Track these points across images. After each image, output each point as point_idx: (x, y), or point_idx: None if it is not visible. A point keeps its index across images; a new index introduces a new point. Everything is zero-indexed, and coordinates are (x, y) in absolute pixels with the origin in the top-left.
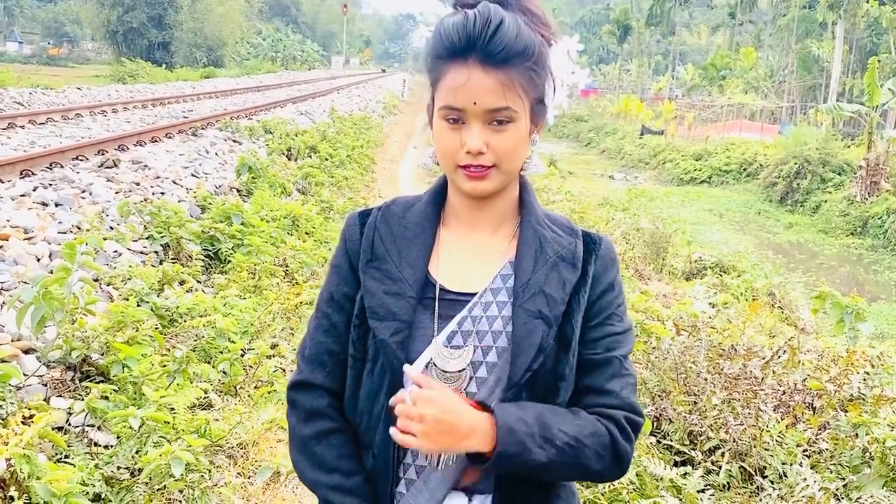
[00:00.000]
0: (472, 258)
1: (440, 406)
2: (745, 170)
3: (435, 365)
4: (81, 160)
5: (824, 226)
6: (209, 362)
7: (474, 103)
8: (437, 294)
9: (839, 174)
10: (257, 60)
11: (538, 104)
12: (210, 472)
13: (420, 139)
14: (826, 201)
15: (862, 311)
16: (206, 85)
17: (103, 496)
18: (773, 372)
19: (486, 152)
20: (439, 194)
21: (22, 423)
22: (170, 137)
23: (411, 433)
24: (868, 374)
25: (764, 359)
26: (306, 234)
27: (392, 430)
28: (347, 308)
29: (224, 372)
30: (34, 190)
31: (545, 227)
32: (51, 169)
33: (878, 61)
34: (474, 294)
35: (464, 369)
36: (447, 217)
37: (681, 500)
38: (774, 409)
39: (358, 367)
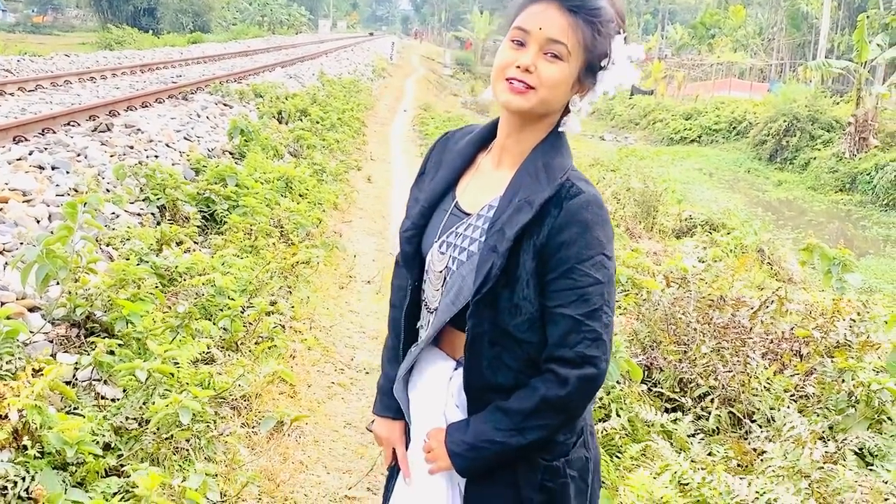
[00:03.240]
0: (485, 187)
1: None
2: (734, 128)
3: (431, 261)
4: (73, 125)
5: (813, 183)
6: (210, 319)
7: (540, 28)
8: (452, 209)
9: (828, 131)
10: (244, 25)
11: (588, 68)
12: (215, 422)
13: (409, 102)
14: (815, 158)
15: (849, 262)
16: (193, 50)
17: (113, 445)
18: (762, 322)
19: (533, 73)
20: (490, 129)
21: (32, 376)
22: (160, 102)
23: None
24: (854, 321)
25: (752, 308)
26: (300, 195)
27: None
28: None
29: (225, 328)
30: (30, 154)
31: (532, 176)
32: (43, 135)
33: (867, 17)
34: (469, 216)
35: (442, 271)
36: (493, 147)
37: (672, 444)
38: (762, 357)
39: None
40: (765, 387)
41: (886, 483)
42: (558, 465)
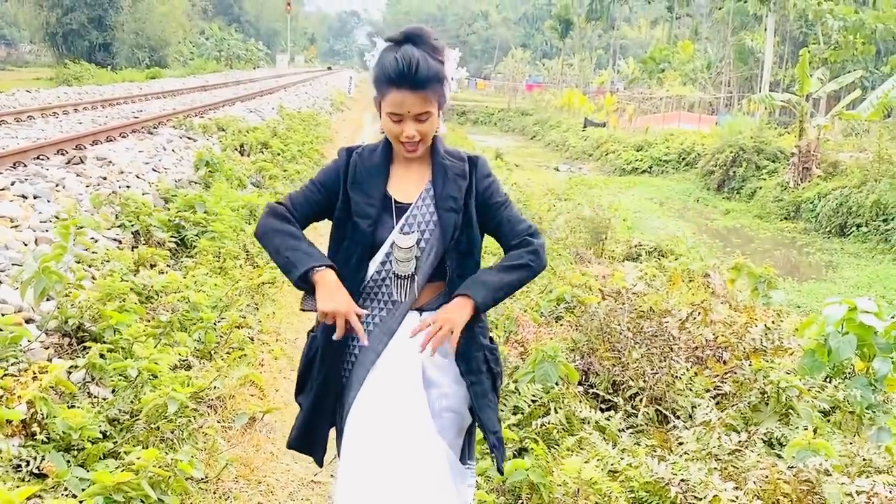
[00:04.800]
0: (408, 183)
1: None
2: (683, 159)
3: (396, 243)
4: (43, 159)
5: (759, 211)
6: (185, 331)
7: (408, 111)
8: (394, 204)
9: (773, 161)
10: (202, 60)
11: (442, 98)
12: (195, 417)
13: (368, 135)
14: (761, 188)
15: (773, 280)
16: (153, 85)
17: (108, 434)
18: (689, 331)
19: (416, 135)
20: (388, 146)
21: (38, 373)
22: (124, 136)
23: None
24: (769, 328)
25: (681, 320)
26: None
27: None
28: (321, 191)
29: (199, 340)
30: (12, 184)
31: (446, 160)
32: (15, 168)
33: (808, 52)
34: (411, 203)
35: (413, 245)
36: (394, 158)
37: (604, 438)
38: (686, 360)
39: (339, 240)
40: (688, 387)
41: (790, 467)
42: (497, 346)
